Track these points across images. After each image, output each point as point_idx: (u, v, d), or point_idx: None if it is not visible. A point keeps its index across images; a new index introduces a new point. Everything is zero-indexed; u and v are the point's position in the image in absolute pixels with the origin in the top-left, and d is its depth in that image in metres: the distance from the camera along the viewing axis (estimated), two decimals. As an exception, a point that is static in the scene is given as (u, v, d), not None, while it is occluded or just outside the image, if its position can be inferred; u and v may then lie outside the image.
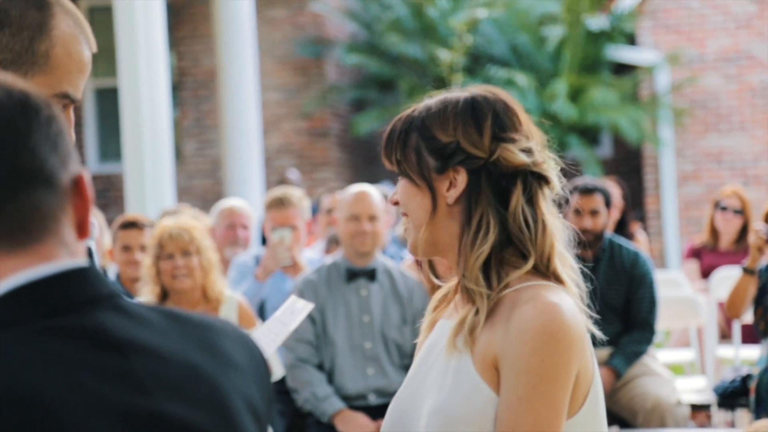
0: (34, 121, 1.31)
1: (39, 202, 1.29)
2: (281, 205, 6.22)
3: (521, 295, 2.09)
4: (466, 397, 2.06)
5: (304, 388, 5.45)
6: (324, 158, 13.98)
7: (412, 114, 2.22)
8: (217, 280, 5.14)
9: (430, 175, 2.16)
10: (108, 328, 1.29)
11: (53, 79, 1.85)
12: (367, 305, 5.47)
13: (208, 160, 13.93)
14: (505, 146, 2.14)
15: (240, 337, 1.44)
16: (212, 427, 1.32)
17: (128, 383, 1.27)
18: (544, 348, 2.02)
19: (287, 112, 14.02)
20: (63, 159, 1.33)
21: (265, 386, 1.44)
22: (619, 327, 6.13)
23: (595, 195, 6.24)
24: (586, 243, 6.20)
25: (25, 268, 1.28)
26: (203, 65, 13.96)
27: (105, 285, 1.33)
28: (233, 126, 11.43)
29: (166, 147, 9.22)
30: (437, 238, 2.17)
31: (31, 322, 1.26)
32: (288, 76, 14.04)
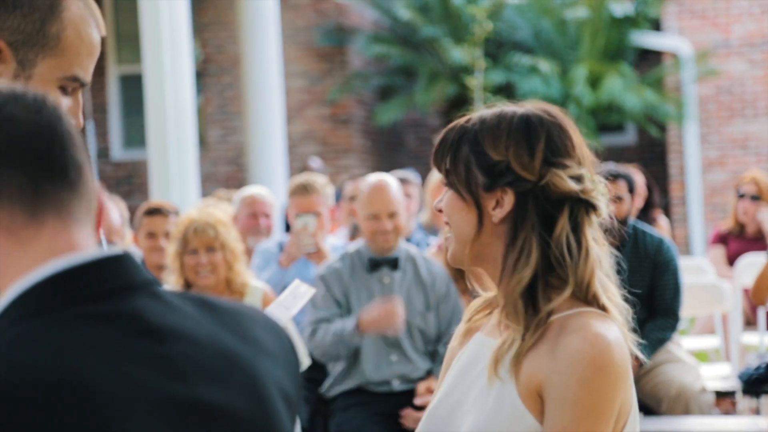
0: (68, 123, 1.33)
1: (79, 191, 1.32)
2: (305, 191, 6.21)
3: (569, 322, 2.08)
4: (508, 423, 2.05)
5: (326, 340, 5.37)
6: (347, 145, 13.98)
7: (466, 125, 2.19)
8: (241, 272, 5.12)
9: (478, 191, 2.13)
10: (145, 315, 1.30)
11: (64, 62, 1.85)
12: (390, 292, 5.46)
13: (232, 146, 13.95)
14: (555, 171, 2.11)
15: (270, 324, 1.45)
16: (248, 412, 1.33)
17: (166, 369, 1.28)
18: (592, 381, 2.00)
19: (311, 99, 14.03)
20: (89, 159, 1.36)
21: (295, 373, 1.45)
22: (642, 314, 6.11)
23: (618, 181, 6.22)
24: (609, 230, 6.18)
25: (73, 249, 1.30)
26: (227, 52, 13.97)
27: (141, 272, 1.35)
28: (257, 113, 11.44)
29: (190, 134, 9.24)
30: (481, 253, 2.15)
31: (69, 308, 1.27)
32: (311, 62, 14.04)
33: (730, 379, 6.48)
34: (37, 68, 1.84)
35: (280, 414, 1.38)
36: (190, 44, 9.39)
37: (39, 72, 1.84)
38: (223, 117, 14.12)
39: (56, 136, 1.31)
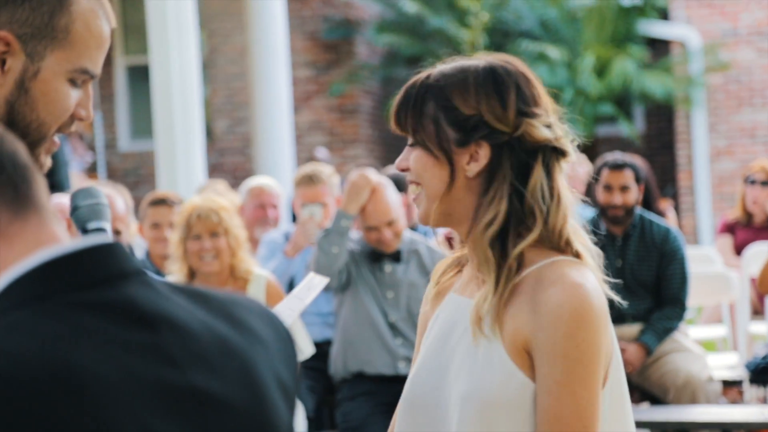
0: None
1: (46, 192, 1.35)
2: (311, 181, 6.22)
3: (545, 273, 2.08)
4: (501, 382, 2.05)
5: (318, 247, 5.40)
6: (354, 135, 13.97)
7: (426, 81, 2.16)
8: (244, 259, 5.12)
9: (450, 147, 2.12)
10: (137, 302, 1.30)
11: (73, 54, 1.84)
12: (392, 282, 5.47)
13: (239, 137, 13.94)
14: (529, 122, 2.12)
15: (265, 313, 1.44)
16: (242, 400, 1.33)
17: (158, 356, 1.27)
18: (577, 332, 2.01)
19: (317, 90, 14.02)
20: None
21: (291, 363, 1.44)
22: (650, 303, 6.10)
23: (625, 170, 6.21)
24: (616, 219, 6.17)
25: (54, 241, 1.30)
26: (234, 42, 13.96)
27: (132, 261, 1.34)
28: (264, 103, 11.43)
29: (197, 124, 9.23)
30: (452, 209, 2.14)
31: (60, 296, 1.27)
32: (318, 53, 14.03)
33: (738, 369, 6.47)
34: (46, 61, 1.83)
35: (276, 402, 1.37)
36: (196, 35, 9.38)
37: (48, 65, 1.83)
38: (230, 108, 14.11)
39: (13, 139, 1.34)
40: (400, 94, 2.18)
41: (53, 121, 1.85)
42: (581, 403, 2.01)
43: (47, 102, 1.83)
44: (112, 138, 14.10)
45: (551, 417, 2.01)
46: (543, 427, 2.02)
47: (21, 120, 1.82)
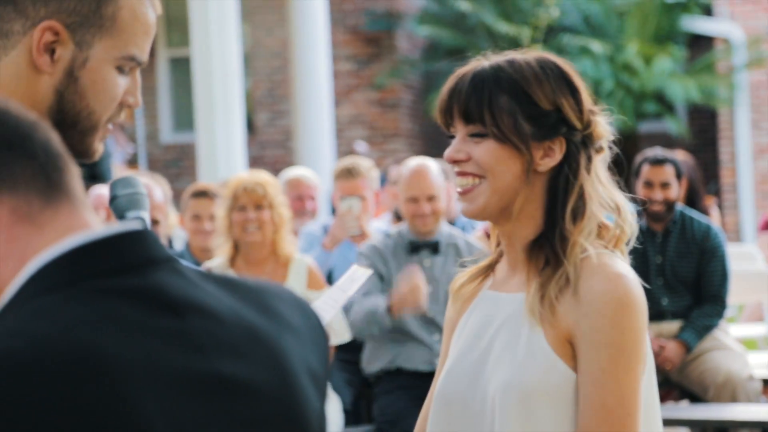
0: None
1: (76, 176, 1.35)
2: (350, 175, 6.22)
3: (585, 264, 2.08)
4: (542, 372, 2.06)
5: (357, 316, 5.37)
6: (395, 129, 13.96)
7: (494, 73, 2.14)
8: (287, 238, 5.20)
9: (528, 141, 2.11)
10: (165, 289, 1.29)
11: (120, 42, 1.85)
12: (430, 275, 5.46)
13: (280, 130, 13.97)
14: (596, 119, 2.16)
15: (296, 301, 1.44)
16: (270, 387, 1.32)
17: (185, 343, 1.27)
18: (622, 320, 2.03)
19: (358, 83, 14.01)
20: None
21: (322, 351, 1.43)
22: (689, 300, 6.05)
23: (665, 166, 6.16)
24: (656, 215, 6.12)
25: (85, 227, 1.31)
26: (276, 35, 13.98)
27: (162, 248, 1.34)
28: (305, 96, 11.44)
29: (238, 117, 9.25)
30: (511, 204, 2.13)
31: (87, 282, 1.27)
32: (359, 46, 14.03)
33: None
34: (94, 49, 1.83)
35: (305, 390, 1.36)
36: (238, 28, 9.40)
37: (96, 53, 1.83)
38: (272, 101, 14.14)
39: (47, 127, 1.34)
40: (464, 83, 2.15)
41: (103, 109, 1.86)
42: (625, 391, 2.03)
43: (96, 90, 1.84)
44: (153, 130, 14.16)
45: (596, 405, 2.02)
46: (587, 415, 2.03)
47: (71, 109, 1.83)
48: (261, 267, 5.21)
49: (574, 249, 2.10)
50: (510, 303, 2.15)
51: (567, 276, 2.08)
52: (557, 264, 2.10)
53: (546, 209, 2.14)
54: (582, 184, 2.13)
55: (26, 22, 1.81)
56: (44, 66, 1.81)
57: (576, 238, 2.11)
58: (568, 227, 2.11)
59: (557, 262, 2.10)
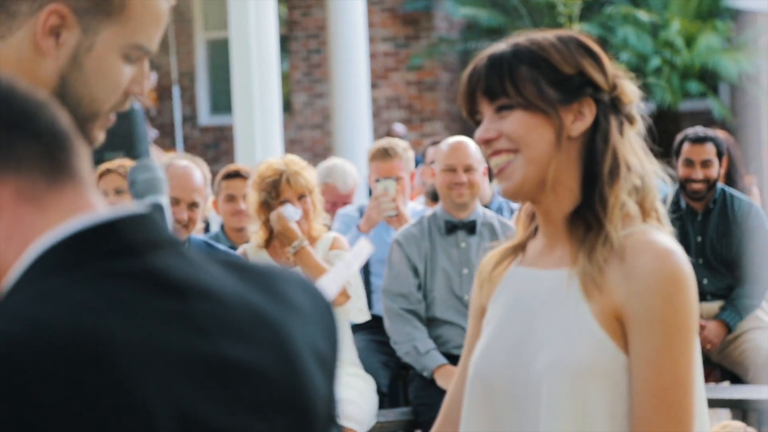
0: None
1: (83, 156, 1.34)
2: (386, 156, 6.20)
3: (631, 240, 2.05)
4: (592, 351, 2.02)
5: (406, 341, 5.44)
6: (433, 111, 13.91)
7: (506, 51, 2.12)
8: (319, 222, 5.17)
9: (555, 105, 2.08)
10: (168, 272, 1.28)
11: (128, 30, 1.83)
12: (466, 258, 5.43)
13: (318, 112, 13.95)
14: (623, 82, 2.13)
15: (303, 283, 1.42)
16: (274, 370, 1.31)
17: (188, 326, 1.26)
18: (675, 297, 1.99)
19: (396, 64, 13.97)
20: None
21: (331, 333, 1.42)
22: (730, 280, 5.98)
23: (706, 144, 6.09)
24: (696, 194, 6.05)
25: (89, 208, 1.30)
26: (313, 16, 13.95)
27: (165, 231, 1.33)
28: (342, 78, 11.42)
29: (275, 99, 9.25)
30: (547, 175, 2.09)
31: (90, 265, 1.26)
32: (397, 27, 13.97)
33: (821, 348, 6.32)
34: (100, 36, 1.81)
35: (311, 374, 1.34)
36: (275, 9, 9.38)
37: (102, 40, 1.81)
38: (309, 82, 14.12)
39: (55, 107, 1.33)
40: (481, 63, 2.13)
41: (105, 97, 1.84)
42: (681, 370, 2.00)
43: (100, 77, 1.82)
44: (191, 113, 14.19)
45: (652, 385, 1.99)
46: (643, 395, 1.99)
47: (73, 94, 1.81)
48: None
49: (615, 210, 2.06)
50: (549, 280, 2.11)
51: (611, 241, 2.04)
52: (600, 228, 2.06)
53: (583, 176, 2.10)
54: (615, 146, 2.09)
55: (33, 4, 1.78)
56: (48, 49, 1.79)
57: (614, 200, 2.07)
58: (606, 188, 2.07)
59: (600, 226, 2.06)
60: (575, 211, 2.10)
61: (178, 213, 4.94)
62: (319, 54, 13.76)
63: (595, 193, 2.08)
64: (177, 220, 4.95)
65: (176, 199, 4.92)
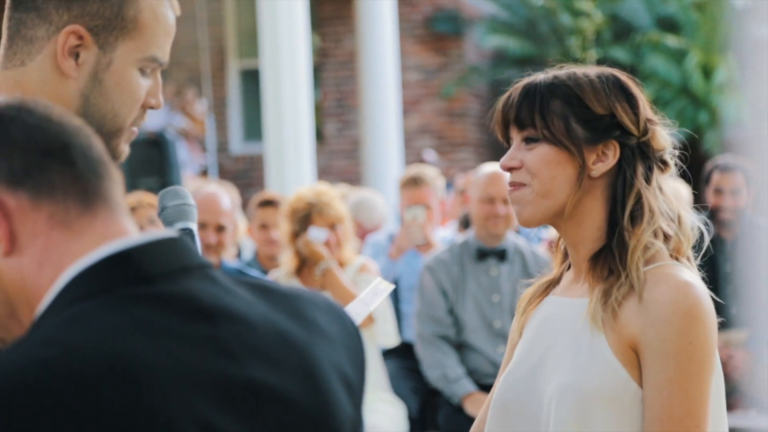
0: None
1: (116, 181, 1.37)
2: (415, 184, 6.22)
3: (651, 275, 2.06)
4: (602, 377, 2.03)
5: (437, 367, 5.43)
6: (463, 139, 13.92)
7: (547, 81, 2.13)
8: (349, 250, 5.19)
9: (580, 144, 2.09)
10: (197, 296, 1.30)
11: (142, 44, 1.86)
12: (496, 285, 5.43)
13: (349, 140, 13.99)
14: (655, 128, 2.13)
15: (331, 308, 1.43)
16: (301, 393, 1.32)
17: (216, 349, 1.27)
18: (690, 330, 2.00)
19: (426, 93, 14.00)
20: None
21: (358, 357, 1.43)
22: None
23: (735, 173, 6.07)
24: (725, 222, 6.03)
25: (121, 235, 1.32)
26: (345, 46, 14.01)
27: (195, 255, 1.35)
28: (373, 106, 11.45)
29: (307, 127, 9.27)
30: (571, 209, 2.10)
31: (121, 290, 1.28)
32: (428, 56, 14.01)
33: None
34: (117, 51, 1.85)
35: (337, 396, 1.36)
36: (307, 39, 9.42)
37: (119, 55, 1.85)
38: (340, 111, 14.16)
39: (89, 134, 1.35)
40: (516, 92, 2.15)
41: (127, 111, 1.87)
42: (693, 402, 2.00)
43: (120, 92, 1.85)
44: (224, 141, 14.25)
45: (663, 415, 2.00)
46: (654, 425, 2.00)
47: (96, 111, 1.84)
48: None
49: (634, 255, 2.07)
50: (572, 307, 2.13)
51: (630, 282, 2.05)
52: (619, 275, 2.07)
53: (607, 217, 2.11)
54: (639, 190, 2.10)
55: (50, 27, 1.82)
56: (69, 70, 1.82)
57: (635, 243, 2.08)
58: (626, 231, 2.09)
59: (619, 273, 2.07)
60: (598, 252, 2.11)
61: (205, 237, 4.98)
62: (350, 83, 13.80)
63: (616, 235, 2.09)
64: (205, 244, 4.99)
65: (203, 223, 4.96)
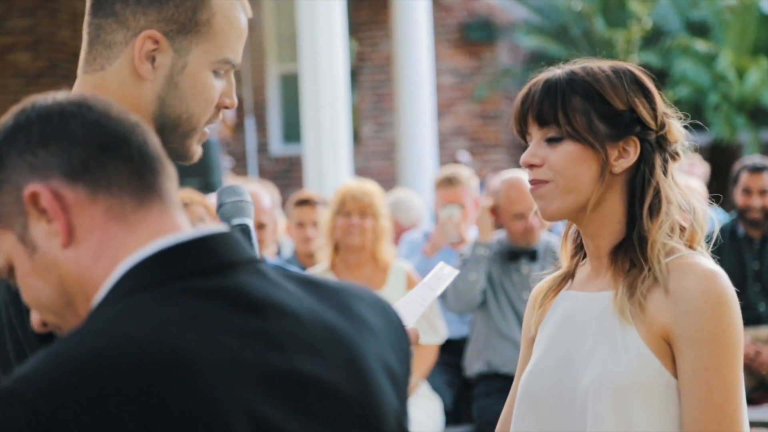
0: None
1: (171, 177, 1.38)
2: (450, 183, 6.24)
3: (674, 265, 2.06)
4: (637, 369, 2.03)
5: (457, 279, 5.41)
6: (496, 140, 13.92)
7: (561, 80, 2.12)
8: (386, 248, 5.24)
9: (603, 140, 2.08)
10: (247, 290, 1.31)
11: (215, 46, 1.88)
12: (527, 283, 5.44)
13: (385, 142, 14.01)
14: (671, 121, 2.12)
15: (377, 301, 1.44)
16: (347, 385, 1.33)
17: (265, 342, 1.28)
18: (722, 317, 2.01)
19: (460, 96, 14.00)
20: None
21: (402, 350, 1.43)
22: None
23: (764, 174, 6.06)
24: (754, 221, 6.01)
25: (175, 229, 1.34)
26: (381, 50, 14.03)
27: (245, 250, 1.35)
28: (409, 109, 11.45)
29: (344, 129, 9.30)
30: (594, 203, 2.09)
31: (174, 283, 1.29)
32: (461, 60, 14.01)
33: None
34: (191, 55, 1.86)
35: (382, 388, 1.36)
36: (345, 43, 9.45)
37: (193, 58, 1.87)
38: (377, 113, 14.19)
39: (146, 130, 1.36)
40: (536, 88, 2.13)
41: (201, 111, 1.89)
42: (730, 387, 2.01)
43: (195, 93, 1.87)
44: (264, 142, 14.30)
45: (703, 402, 2.00)
46: (695, 412, 2.00)
47: (172, 113, 1.86)
48: (360, 271, 5.25)
49: (654, 247, 2.07)
50: (596, 301, 2.12)
51: (653, 275, 2.05)
52: (642, 266, 2.07)
53: (626, 211, 2.11)
54: (658, 183, 2.10)
55: (127, 33, 1.85)
56: (146, 73, 1.84)
57: (654, 236, 2.08)
58: (645, 225, 2.09)
59: (642, 264, 2.07)
60: (619, 245, 2.11)
61: None
62: (387, 86, 13.83)
63: (635, 228, 2.09)
64: None
65: None
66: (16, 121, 1.35)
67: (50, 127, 1.33)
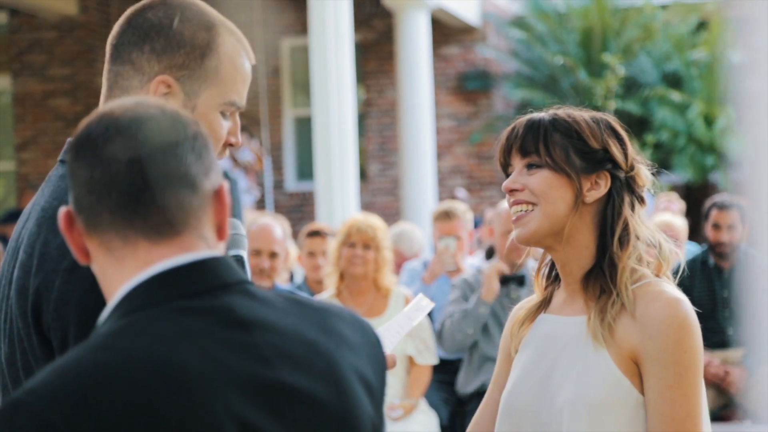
0: (182, 134, 1.36)
1: (183, 202, 1.34)
2: (447, 217, 6.24)
3: (641, 291, 2.07)
4: (609, 387, 2.03)
5: (452, 325, 5.37)
6: (491, 178, 13.93)
7: (544, 119, 2.16)
8: (387, 276, 5.24)
9: (579, 172, 2.12)
10: (235, 308, 1.32)
11: (222, 90, 1.88)
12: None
13: (389, 179, 14.03)
14: (640, 167, 2.17)
15: (355, 321, 1.45)
16: (327, 395, 1.33)
17: (251, 355, 1.29)
18: (684, 340, 2.02)
19: (458, 138, 14.04)
20: (206, 169, 1.37)
21: (379, 364, 1.44)
22: (753, 330, 5.91)
23: (732, 210, 6.06)
24: (723, 254, 6.02)
25: (169, 257, 1.33)
26: (387, 97, 14.08)
27: (235, 272, 1.36)
28: (411, 150, 11.49)
29: (352, 168, 9.32)
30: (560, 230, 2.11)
31: (168, 303, 1.30)
32: (459, 106, 14.06)
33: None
34: (201, 98, 1.87)
35: (358, 398, 1.37)
36: (354, 90, 9.49)
37: (203, 101, 1.87)
38: (382, 153, 14.23)
39: (147, 161, 1.33)
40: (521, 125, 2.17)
41: None
42: (691, 405, 2.02)
43: None
44: (280, 179, 14.33)
45: (666, 418, 2.01)
46: (660, 427, 2.01)
47: None
48: (362, 297, 5.25)
49: (623, 274, 2.09)
50: (571, 325, 2.13)
51: (621, 301, 2.07)
52: (611, 292, 2.09)
53: (597, 240, 2.13)
54: (626, 218, 2.13)
55: (143, 78, 1.86)
56: None
57: (624, 264, 2.10)
58: (616, 252, 2.11)
59: (611, 290, 2.09)
60: (590, 271, 2.12)
61: (260, 262, 5.01)
62: (392, 129, 13.87)
63: (606, 257, 2.11)
64: (260, 268, 5.01)
65: (258, 250, 5.00)
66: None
67: (69, 165, 1.37)
